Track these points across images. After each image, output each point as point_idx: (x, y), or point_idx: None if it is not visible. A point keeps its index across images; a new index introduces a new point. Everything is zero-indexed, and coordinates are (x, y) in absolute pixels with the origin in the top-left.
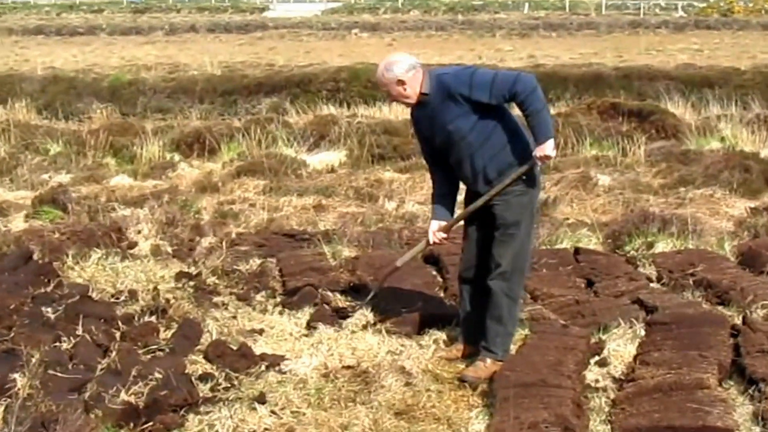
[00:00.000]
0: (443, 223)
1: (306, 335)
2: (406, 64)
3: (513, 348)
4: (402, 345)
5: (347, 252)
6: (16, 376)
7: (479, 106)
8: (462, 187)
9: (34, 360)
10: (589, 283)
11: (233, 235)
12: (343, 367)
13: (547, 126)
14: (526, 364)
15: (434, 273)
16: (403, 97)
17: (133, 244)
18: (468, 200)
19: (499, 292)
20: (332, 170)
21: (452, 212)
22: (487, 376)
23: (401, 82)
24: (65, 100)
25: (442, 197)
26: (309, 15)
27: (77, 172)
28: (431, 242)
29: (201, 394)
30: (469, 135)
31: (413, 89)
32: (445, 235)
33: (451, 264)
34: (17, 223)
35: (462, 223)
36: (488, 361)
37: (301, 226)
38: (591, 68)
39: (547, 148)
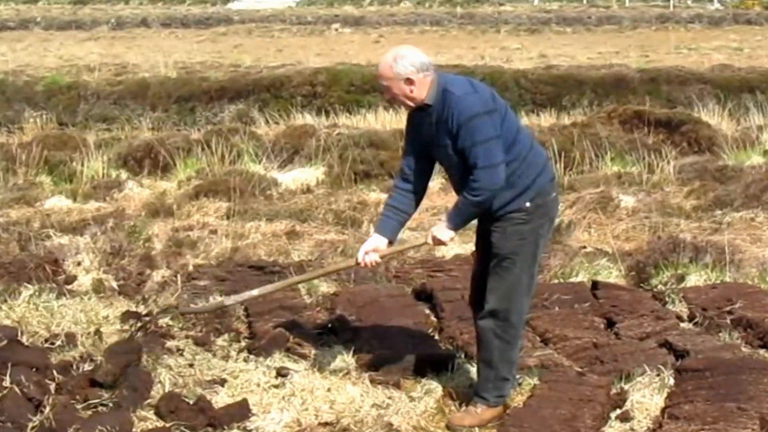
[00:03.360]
0: (383, 245)
1: (276, 386)
2: (419, 62)
3: (520, 399)
4: (389, 397)
5: (325, 287)
6: None
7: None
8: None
9: None
10: (610, 324)
11: (190, 268)
12: (320, 424)
13: (460, 218)
14: (534, 419)
15: (427, 311)
16: (406, 99)
17: (71, 279)
18: (479, 230)
19: (489, 333)
20: (308, 190)
21: (398, 231)
22: (477, 424)
23: (410, 81)
24: None
25: (396, 211)
26: (281, 7)
27: (5, 192)
28: (360, 263)
29: None
30: (465, 161)
31: (419, 92)
32: (378, 260)
33: (446, 300)
34: None
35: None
36: (479, 407)
37: (270, 256)
38: (612, 70)
39: (441, 232)
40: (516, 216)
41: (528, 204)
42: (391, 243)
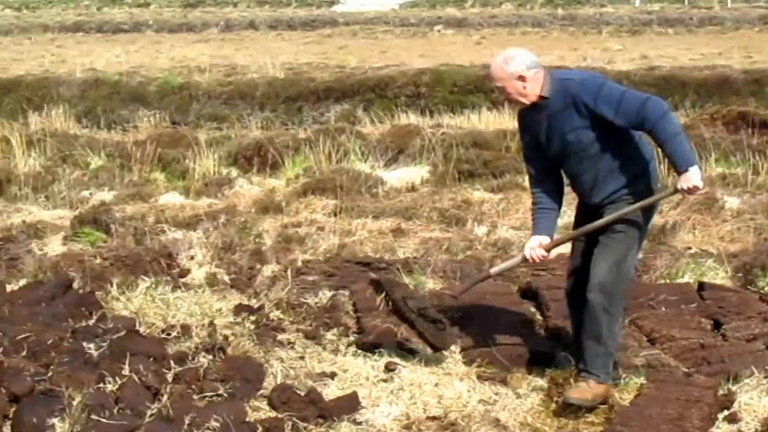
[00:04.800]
0: (546, 240)
1: (384, 380)
2: (529, 60)
3: (628, 398)
4: (496, 393)
5: (431, 284)
6: (54, 420)
7: (602, 120)
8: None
9: (75, 403)
10: (716, 325)
11: (299, 263)
12: (428, 418)
13: (685, 152)
14: (641, 418)
15: (533, 309)
16: (520, 96)
17: (185, 272)
18: (580, 214)
19: (598, 307)
20: (413, 189)
21: (554, 227)
22: (593, 399)
23: (522, 78)
24: (108, 107)
25: (545, 211)
26: (385, 9)
27: (121, 188)
28: (529, 259)
29: None
30: (591, 147)
31: (532, 89)
32: (545, 254)
33: (552, 299)
34: (54, 247)
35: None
36: (591, 382)
37: (376, 253)
38: (715, 71)
39: (693, 178)
40: (630, 197)
41: (642, 187)
42: (550, 238)
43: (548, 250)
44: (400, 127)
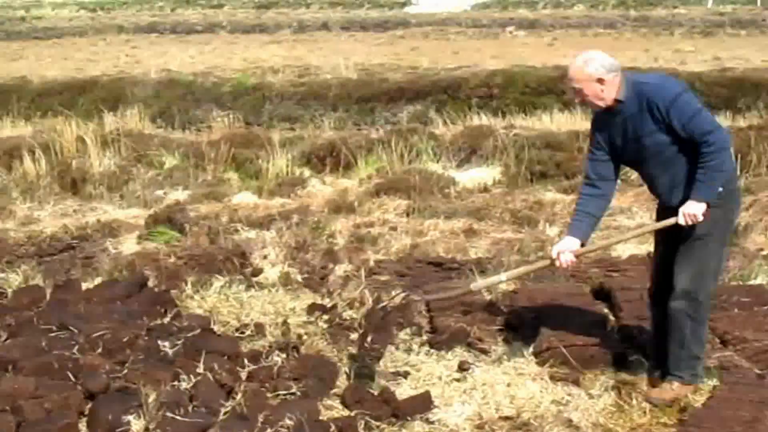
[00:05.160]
0: (577, 245)
1: (457, 380)
2: (608, 63)
3: (700, 400)
4: (568, 394)
5: (504, 285)
6: (130, 417)
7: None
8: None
9: (150, 400)
10: None
11: (371, 263)
12: (500, 418)
13: (712, 189)
14: (715, 419)
15: (605, 310)
16: (597, 99)
17: (258, 271)
18: (660, 215)
19: (681, 314)
20: (485, 189)
21: (590, 234)
22: (673, 399)
23: (601, 81)
24: (182, 107)
25: (586, 215)
26: (457, 10)
27: (195, 188)
28: (557, 262)
29: None
30: (666, 150)
31: (609, 92)
32: (574, 259)
33: (625, 300)
34: (129, 246)
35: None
36: (675, 384)
37: (448, 253)
38: None
39: (695, 207)
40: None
41: (721, 189)
42: (583, 245)
43: (577, 257)
44: (472, 127)
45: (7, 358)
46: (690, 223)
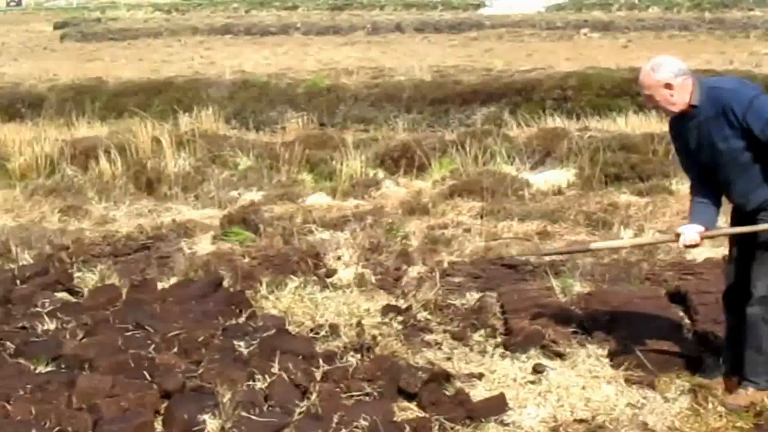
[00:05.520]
0: (701, 229)
1: (532, 382)
2: (677, 68)
3: None
4: (644, 397)
5: (579, 287)
6: (205, 417)
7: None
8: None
9: (225, 400)
10: None
11: (445, 264)
12: (575, 420)
13: None
14: None
15: (681, 314)
16: (668, 104)
17: (331, 272)
18: (734, 221)
19: (758, 319)
20: (559, 192)
21: (714, 222)
22: (749, 404)
23: (669, 86)
24: (256, 108)
25: (704, 204)
26: (531, 12)
27: (269, 189)
28: (680, 242)
29: None
30: (742, 156)
31: (681, 97)
32: (698, 240)
33: (701, 303)
34: (204, 246)
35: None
36: (750, 389)
37: (523, 255)
38: None
39: None
40: None
41: None
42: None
43: (702, 239)
44: (546, 130)
45: (84, 356)
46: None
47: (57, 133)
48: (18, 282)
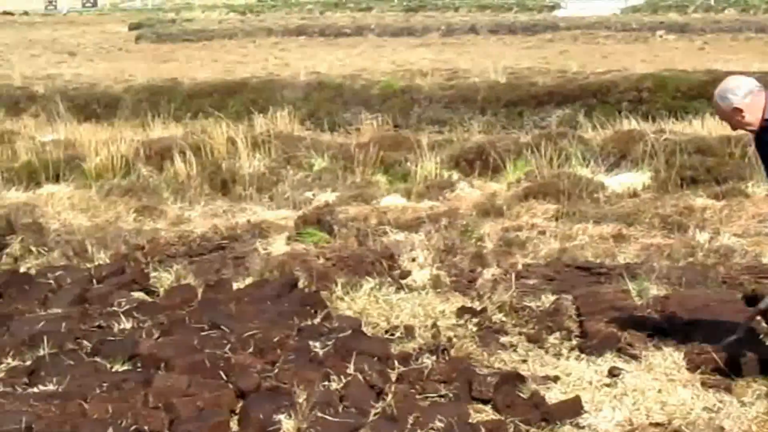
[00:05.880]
0: None
1: (607, 385)
2: (742, 90)
3: None
4: (720, 401)
5: (655, 290)
6: (281, 417)
7: None
8: None
9: (301, 400)
10: None
11: (519, 267)
12: (651, 424)
13: None
14: None
15: (758, 318)
16: (744, 125)
17: (405, 274)
18: None
19: None
20: (634, 194)
21: None
22: None
23: (738, 111)
24: (331, 109)
25: None
26: (606, 14)
27: (344, 190)
28: None
29: None
30: None
31: (753, 115)
32: None
33: None
34: (278, 246)
35: None
36: None
37: (597, 258)
38: None
39: None
40: None
41: None
42: None
43: None
44: (622, 132)
45: (160, 356)
46: None
47: (132, 134)
48: (95, 281)
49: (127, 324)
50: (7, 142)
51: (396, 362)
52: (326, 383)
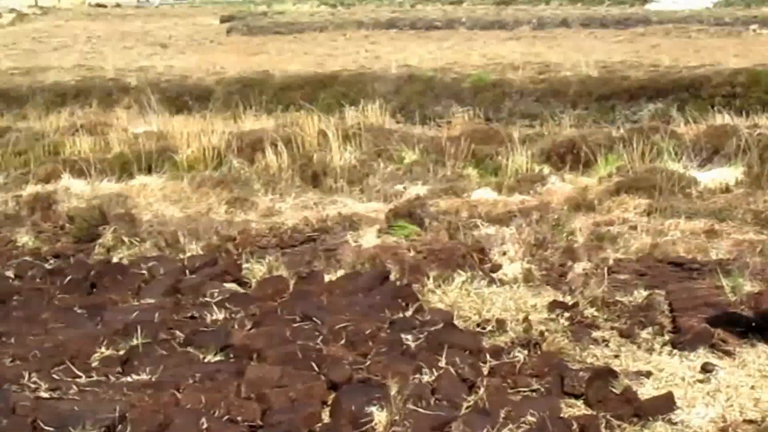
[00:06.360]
0: None
1: (700, 381)
2: None
3: None
4: None
5: (749, 287)
6: (373, 409)
7: None
8: None
9: (393, 392)
10: None
11: (611, 261)
12: (745, 421)
13: None
14: None
15: None
16: None
17: (496, 267)
18: None
19: None
20: (727, 190)
21: None
22: None
23: None
24: (422, 103)
25: None
26: (699, 8)
27: (435, 183)
28: None
29: None
30: None
31: None
32: None
33: None
34: (369, 239)
35: None
36: None
37: (689, 253)
38: None
39: None
40: None
41: None
42: None
43: None
44: (715, 127)
45: (253, 347)
46: None
47: (224, 126)
48: (187, 272)
49: (219, 315)
50: (100, 133)
51: (488, 356)
52: (418, 376)
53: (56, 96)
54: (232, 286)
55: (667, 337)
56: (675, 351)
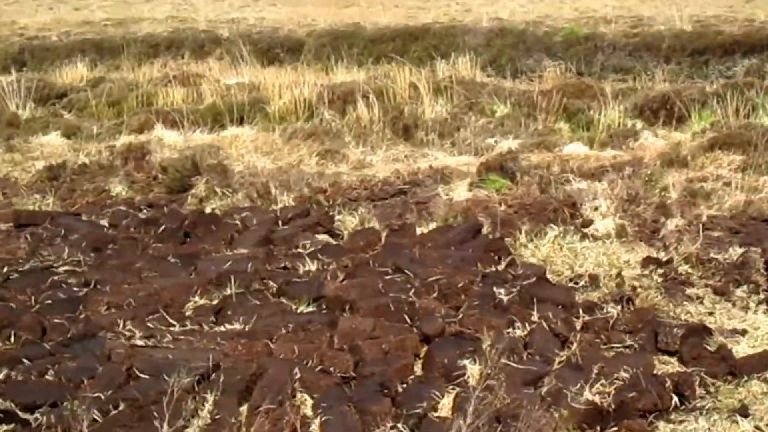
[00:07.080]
0: None
1: None
2: None
3: None
4: None
5: None
6: (465, 362)
7: None
8: None
9: (485, 346)
10: None
11: (704, 218)
12: None
13: None
14: None
15: None
16: None
17: (587, 222)
18: None
19: None
20: None
21: None
22: None
23: None
24: (513, 56)
25: None
26: None
27: (526, 137)
28: None
29: (673, 400)
30: None
31: None
32: None
33: None
34: (460, 192)
35: None
36: None
37: None
38: None
39: None
40: None
41: None
42: None
43: None
44: None
45: (345, 298)
46: None
47: (315, 78)
48: (280, 223)
49: (312, 266)
50: (192, 84)
51: (581, 311)
52: (511, 330)
53: (149, 47)
54: (324, 237)
55: (762, 296)
56: None
